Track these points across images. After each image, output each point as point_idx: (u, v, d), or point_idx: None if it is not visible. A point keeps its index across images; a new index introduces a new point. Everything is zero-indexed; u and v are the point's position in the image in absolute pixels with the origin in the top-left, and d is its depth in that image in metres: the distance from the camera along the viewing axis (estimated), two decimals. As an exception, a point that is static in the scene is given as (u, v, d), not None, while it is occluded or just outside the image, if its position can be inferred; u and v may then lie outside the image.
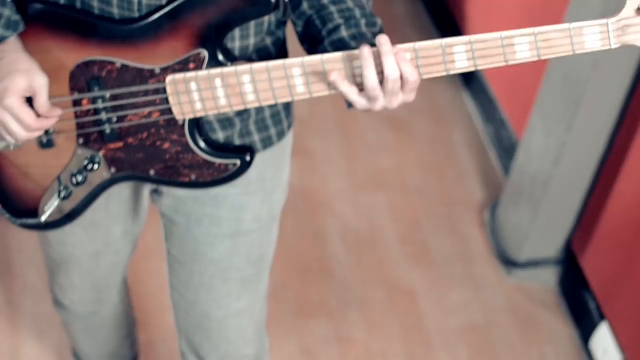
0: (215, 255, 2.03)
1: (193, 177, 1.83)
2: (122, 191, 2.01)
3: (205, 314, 2.11)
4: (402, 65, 1.58)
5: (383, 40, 1.58)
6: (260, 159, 1.92)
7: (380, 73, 1.60)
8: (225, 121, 1.86)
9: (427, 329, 3.17)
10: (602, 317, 3.09)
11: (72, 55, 1.74)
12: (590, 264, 3.20)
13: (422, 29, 4.58)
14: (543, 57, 1.60)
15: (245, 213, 2.00)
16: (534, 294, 3.34)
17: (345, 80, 1.62)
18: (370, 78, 1.59)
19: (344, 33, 1.73)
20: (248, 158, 1.82)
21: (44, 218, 1.89)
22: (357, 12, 1.77)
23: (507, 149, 3.78)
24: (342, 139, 3.84)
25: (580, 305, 3.23)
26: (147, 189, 2.04)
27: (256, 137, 1.92)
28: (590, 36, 1.59)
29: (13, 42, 1.73)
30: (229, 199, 1.97)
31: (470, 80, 4.21)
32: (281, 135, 1.97)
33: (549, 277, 3.37)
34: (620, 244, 3.03)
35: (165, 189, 1.99)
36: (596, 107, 3.05)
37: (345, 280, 3.28)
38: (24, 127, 1.71)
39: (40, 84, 1.69)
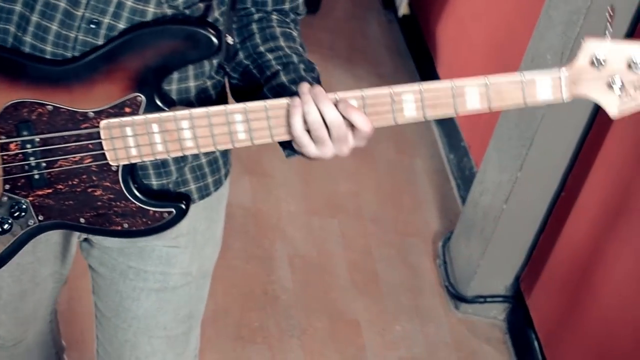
0: (140, 311, 1.95)
1: (125, 225, 1.75)
2: (50, 236, 1.91)
3: None
4: (352, 115, 1.54)
5: (317, 89, 1.55)
6: (193, 211, 1.81)
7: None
8: (161, 167, 1.78)
9: (366, 361, 3.13)
10: (544, 358, 3.06)
11: (0, 96, 1.67)
12: (536, 303, 3.16)
13: (397, 51, 4.56)
14: (494, 109, 1.56)
15: (173, 267, 1.92)
16: (480, 329, 3.31)
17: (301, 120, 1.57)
18: (312, 113, 1.54)
19: (283, 78, 1.69)
20: (183, 206, 1.74)
21: None
22: (295, 58, 1.73)
23: (467, 179, 3.74)
24: (300, 162, 3.76)
25: (525, 344, 3.19)
26: (75, 236, 1.95)
27: (192, 186, 1.85)
28: (542, 88, 1.55)
29: None
30: (155, 251, 1.89)
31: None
32: (218, 183, 1.89)
33: (497, 312, 3.34)
34: (565, 286, 2.99)
35: (95, 239, 1.92)
36: (549, 146, 3.02)
37: (289, 307, 3.24)
38: None
39: None
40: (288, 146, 1.68)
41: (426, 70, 4.36)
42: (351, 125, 1.56)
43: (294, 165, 3.78)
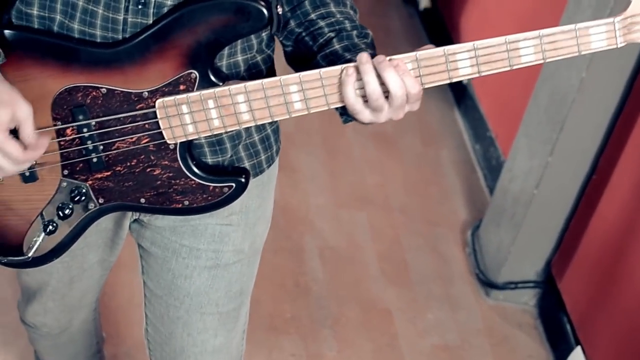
0: (192, 288, 1.95)
1: (186, 202, 1.75)
2: (101, 222, 1.87)
3: (181, 350, 2.02)
4: (405, 78, 1.54)
5: (380, 58, 1.54)
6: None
7: (382, 84, 1.55)
8: (216, 144, 1.78)
9: (400, 349, 3.12)
10: (578, 341, 3.04)
11: (53, 82, 1.66)
12: (568, 287, 3.15)
13: (420, 45, 4.55)
14: (548, 60, 1.57)
15: (226, 245, 1.92)
16: (511, 315, 3.29)
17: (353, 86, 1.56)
18: (372, 83, 1.54)
19: (336, 46, 1.69)
20: (243, 180, 1.74)
21: (30, 254, 1.80)
22: (348, 25, 1.72)
23: (494, 169, 3.73)
24: (327, 155, 3.80)
25: (557, 328, 3.18)
26: (128, 219, 1.94)
27: (247, 164, 1.85)
28: (596, 35, 1.55)
29: None
30: (208, 229, 1.89)
31: (461, 97, 4.17)
32: (270, 160, 1.89)
33: (528, 298, 3.32)
34: (598, 269, 2.98)
35: (146, 219, 1.92)
36: (580, 129, 3.01)
37: (320, 297, 3.23)
38: (11, 160, 1.62)
39: (24, 114, 1.60)
40: (345, 113, 1.68)
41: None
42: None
43: (320, 159, 3.78)
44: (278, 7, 1.69)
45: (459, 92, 4.18)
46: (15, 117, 1.60)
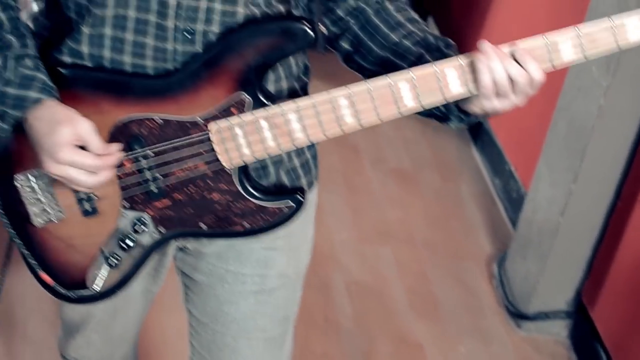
0: (238, 314, 1.96)
1: (246, 224, 1.77)
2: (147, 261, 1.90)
3: None
4: (529, 64, 1.60)
5: (496, 48, 1.61)
6: None
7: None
8: (260, 170, 1.80)
9: (434, 382, 3.11)
10: (613, 369, 3.03)
11: (109, 116, 1.70)
12: (601, 315, 3.14)
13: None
14: (589, 58, 1.62)
15: (270, 269, 1.93)
16: (544, 346, 3.28)
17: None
18: (498, 70, 1.59)
19: (429, 59, 1.70)
20: (300, 197, 1.77)
21: (96, 288, 1.82)
22: (431, 38, 1.75)
23: (515, 201, 3.74)
24: (348, 192, 3.81)
25: (592, 358, 3.16)
26: (172, 247, 1.96)
27: (289, 187, 1.86)
28: (632, 28, 1.58)
29: (49, 102, 1.68)
30: (253, 254, 1.91)
31: (477, 133, 4.19)
32: (310, 185, 1.91)
33: (560, 329, 3.31)
34: (631, 294, 2.97)
35: (192, 247, 1.93)
36: (602, 155, 3.02)
37: (350, 333, 3.23)
38: (87, 174, 1.65)
39: (86, 129, 1.64)
40: (447, 116, 1.72)
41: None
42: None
43: (342, 196, 3.79)
44: (320, 26, 1.73)
45: (475, 128, 4.20)
46: (77, 134, 1.63)
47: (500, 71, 1.59)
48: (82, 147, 1.65)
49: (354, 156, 3.98)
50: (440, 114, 1.74)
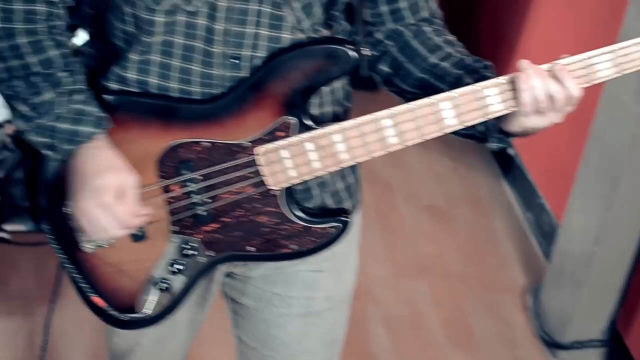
0: (286, 337, 1.98)
1: (294, 246, 1.79)
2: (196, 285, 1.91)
3: None
4: (567, 81, 1.63)
5: (535, 66, 1.64)
6: None
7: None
8: (304, 192, 1.83)
9: (473, 412, 3.13)
10: (651, 396, 3.05)
11: (157, 141, 1.73)
12: (636, 342, 3.16)
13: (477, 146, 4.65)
14: (626, 72, 1.66)
15: (317, 292, 1.95)
16: (580, 375, 3.30)
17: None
18: (538, 87, 1.62)
19: (468, 80, 1.72)
20: (346, 218, 1.79)
21: (147, 312, 1.83)
22: (469, 60, 1.77)
23: (547, 234, 3.77)
24: (381, 227, 3.85)
25: (628, 385, 3.18)
26: (220, 273, 1.96)
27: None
28: None
29: (102, 139, 1.71)
30: (299, 277, 1.92)
31: (508, 168, 4.23)
32: (354, 208, 1.93)
33: (595, 357, 3.33)
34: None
35: (239, 272, 1.95)
36: (636, 184, 3.06)
37: (389, 365, 3.26)
38: (117, 223, 1.68)
39: (130, 183, 1.67)
40: (486, 137, 1.74)
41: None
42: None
43: (376, 232, 3.82)
44: (364, 48, 1.75)
45: (506, 163, 4.25)
46: (121, 185, 1.66)
47: (540, 88, 1.62)
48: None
49: (387, 193, 4.02)
50: (480, 135, 1.76)
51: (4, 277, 3.39)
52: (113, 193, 1.66)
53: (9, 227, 3.51)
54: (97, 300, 1.86)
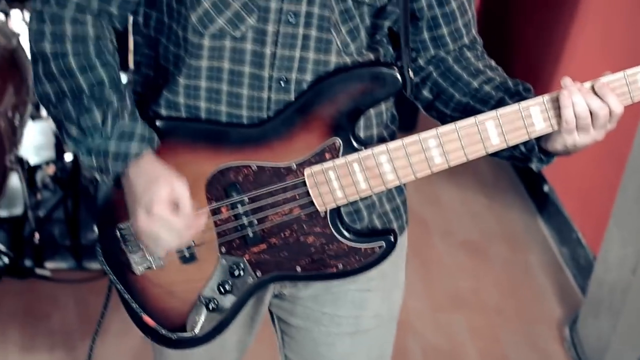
0: (335, 356, 2.00)
1: (340, 266, 1.80)
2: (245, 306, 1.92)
3: None
4: (609, 97, 1.65)
5: (578, 84, 1.67)
6: None
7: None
8: (354, 214, 1.85)
9: None
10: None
11: (206, 165, 1.76)
12: (674, 370, 3.16)
13: (494, 162, 4.69)
14: None
15: (365, 310, 1.97)
16: (619, 404, 3.30)
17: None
18: (580, 104, 1.65)
19: (510, 102, 1.75)
20: (392, 238, 1.80)
21: (195, 333, 1.85)
22: (510, 82, 1.81)
23: (583, 267, 3.80)
24: (419, 263, 3.88)
25: (667, 413, 3.18)
26: (269, 294, 1.98)
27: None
28: None
29: (148, 156, 1.73)
30: (348, 296, 1.94)
31: (543, 205, 4.26)
32: (401, 229, 1.96)
33: (634, 386, 3.34)
34: None
35: (288, 292, 1.97)
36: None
37: (429, 395, 3.28)
38: (175, 234, 1.68)
39: (181, 190, 1.68)
40: (528, 157, 1.78)
41: (526, 170, 4.47)
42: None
43: (414, 267, 3.85)
44: (409, 71, 1.78)
45: (540, 200, 4.28)
46: (174, 194, 1.67)
47: (582, 105, 1.65)
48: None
49: (423, 230, 4.06)
50: (522, 156, 1.79)
51: (46, 313, 3.45)
52: (166, 204, 1.66)
53: (50, 264, 3.59)
54: (148, 319, 1.88)
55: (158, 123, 1.77)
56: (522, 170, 4.55)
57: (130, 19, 1.85)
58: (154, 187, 1.67)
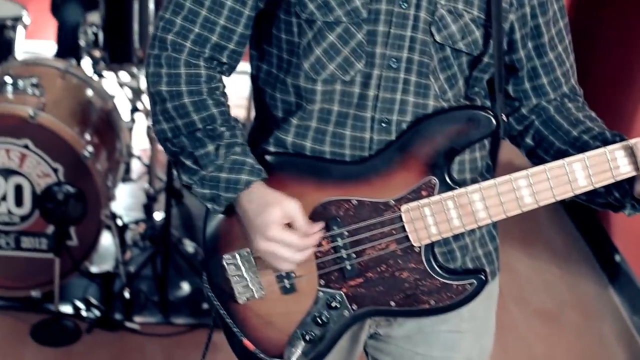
0: None
1: (432, 302, 1.85)
2: (340, 339, 1.95)
3: None
4: None
5: None
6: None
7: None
8: (448, 254, 1.91)
9: None
10: None
11: (310, 198, 1.83)
12: None
13: (566, 230, 4.77)
14: None
15: (457, 352, 2.01)
16: None
17: None
18: None
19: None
20: (483, 277, 1.85)
21: None
22: (608, 134, 1.85)
23: (656, 337, 3.85)
24: (496, 330, 3.94)
25: None
26: (365, 334, 2.01)
27: None
28: None
29: (258, 185, 1.83)
30: (440, 337, 1.99)
31: (615, 274, 4.32)
32: (493, 274, 1.99)
33: None
34: None
35: (382, 332, 2.01)
36: None
37: None
38: (293, 249, 1.77)
39: (293, 208, 1.77)
40: (625, 205, 1.83)
41: (597, 240, 4.56)
42: None
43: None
44: (503, 115, 1.86)
45: (612, 270, 4.34)
46: (286, 214, 1.78)
47: None
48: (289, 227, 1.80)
49: (499, 296, 4.12)
50: (617, 202, 1.85)
51: (132, 365, 3.56)
52: (279, 226, 1.77)
53: (138, 319, 3.71)
54: (247, 343, 1.94)
55: (267, 157, 1.88)
56: (594, 240, 4.62)
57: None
58: (265, 212, 1.78)
